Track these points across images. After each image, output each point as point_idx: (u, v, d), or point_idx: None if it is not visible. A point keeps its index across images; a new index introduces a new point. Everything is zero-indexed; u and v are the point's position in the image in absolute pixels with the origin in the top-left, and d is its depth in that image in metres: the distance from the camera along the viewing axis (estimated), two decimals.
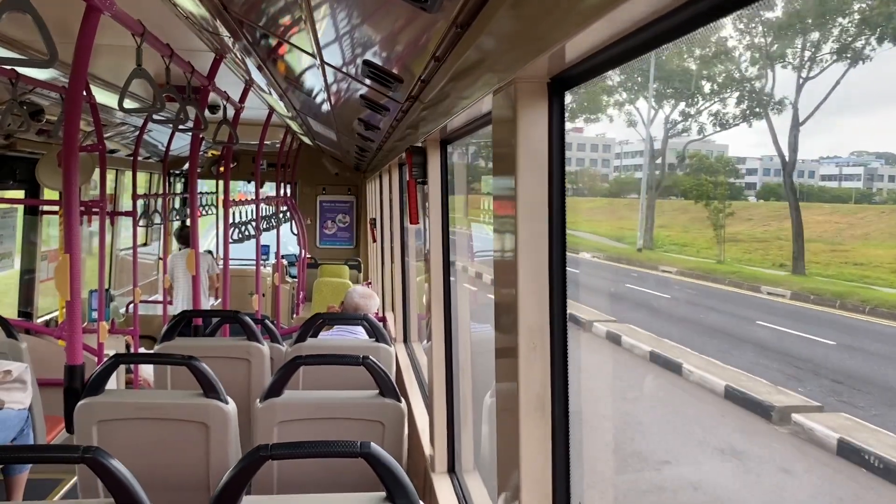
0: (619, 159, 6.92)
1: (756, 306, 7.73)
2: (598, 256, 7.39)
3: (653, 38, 1.09)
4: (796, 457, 5.95)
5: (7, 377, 4.18)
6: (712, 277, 7.48)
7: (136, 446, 2.96)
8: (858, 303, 6.73)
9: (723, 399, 6.67)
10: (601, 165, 7.17)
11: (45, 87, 4.62)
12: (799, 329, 7.40)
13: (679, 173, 6.43)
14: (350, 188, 12.09)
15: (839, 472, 5.36)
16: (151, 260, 10.49)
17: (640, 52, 1.15)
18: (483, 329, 3.04)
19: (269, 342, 4.41)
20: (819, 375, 6.68)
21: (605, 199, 7.72)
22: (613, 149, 6.82)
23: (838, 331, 6.94)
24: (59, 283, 2.87)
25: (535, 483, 1.56)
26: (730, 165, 6.02)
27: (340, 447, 2.13)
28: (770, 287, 7.61)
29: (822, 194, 7.51)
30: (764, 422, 6.24)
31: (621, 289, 9.01)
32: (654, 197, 6.83)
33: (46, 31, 2.13)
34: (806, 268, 7.07)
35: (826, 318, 6.98)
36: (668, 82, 5.94)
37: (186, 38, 3.66)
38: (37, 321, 6.84)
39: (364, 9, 1.98)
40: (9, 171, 6.31)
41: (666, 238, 7.27)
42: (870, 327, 6.63)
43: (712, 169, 5.94)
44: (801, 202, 7.11)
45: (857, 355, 6.88)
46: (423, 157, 3.27)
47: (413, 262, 6.29)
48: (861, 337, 6.83)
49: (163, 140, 8.12)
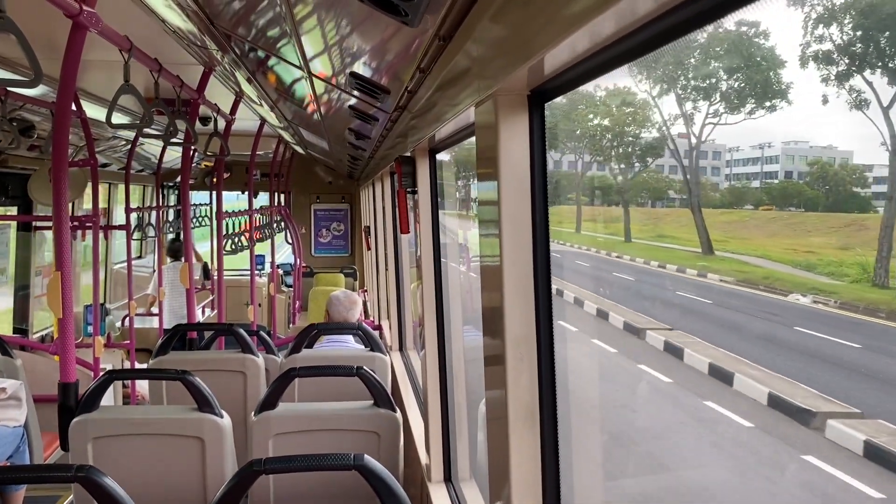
0: (730, 167, 6.27)
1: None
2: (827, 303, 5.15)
3: (628, 50, 1.10)
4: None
5: (1, 395, 4.17)
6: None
7: (131, 462, 2.96)
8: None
9: None
10: (710, 173, 6.51)
11: (35, 104, 4.62)
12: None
13: (800, 182, 5.58)
14: (344, 196, 12.10)
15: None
16: (146, 273, 10.49)
17: (616, 64, 1.16)
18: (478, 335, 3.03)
19: (264, 354, 4.41)
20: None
21: (746, 211, 6.51)
22: (724, 156, 6.21)
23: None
24: (51, 300, 2.86)
25: (525, 492, 1.56)
26: (856, 173, 4.98)
27: (334, 460, 2.13)
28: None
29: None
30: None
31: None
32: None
33: (31, 50, 2.14)
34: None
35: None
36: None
37: (175, 52, 3.66)
38: (32, 337, 6.83)
39: (348, 22, 2.00)
40: (1, 187, 6.30)
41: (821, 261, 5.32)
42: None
43: (838, 179, 5.00)
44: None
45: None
46: (412, 167, 3.28)
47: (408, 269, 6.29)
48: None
49: (155, 153, 8.12)
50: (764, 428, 5.64)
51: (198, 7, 2.47)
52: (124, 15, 2.91)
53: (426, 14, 1.49)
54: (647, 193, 7.70)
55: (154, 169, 8.72)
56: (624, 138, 7.29)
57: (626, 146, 7.36)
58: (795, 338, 5.88)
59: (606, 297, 8.27)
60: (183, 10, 2.50)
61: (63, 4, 2.33)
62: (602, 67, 1.18)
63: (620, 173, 7.88)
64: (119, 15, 2.86)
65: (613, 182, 8.26)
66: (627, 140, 7.29)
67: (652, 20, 1.00)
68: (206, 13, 2.55)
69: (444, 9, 1.45)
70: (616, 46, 1.08)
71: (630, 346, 7.46)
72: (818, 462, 4.94)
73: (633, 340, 7.38)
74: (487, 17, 1.34)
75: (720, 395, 6.10)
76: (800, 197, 5.68)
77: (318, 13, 2.03)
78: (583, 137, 7.59)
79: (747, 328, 6.66)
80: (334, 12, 1.99)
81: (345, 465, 2.09)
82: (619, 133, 7.26)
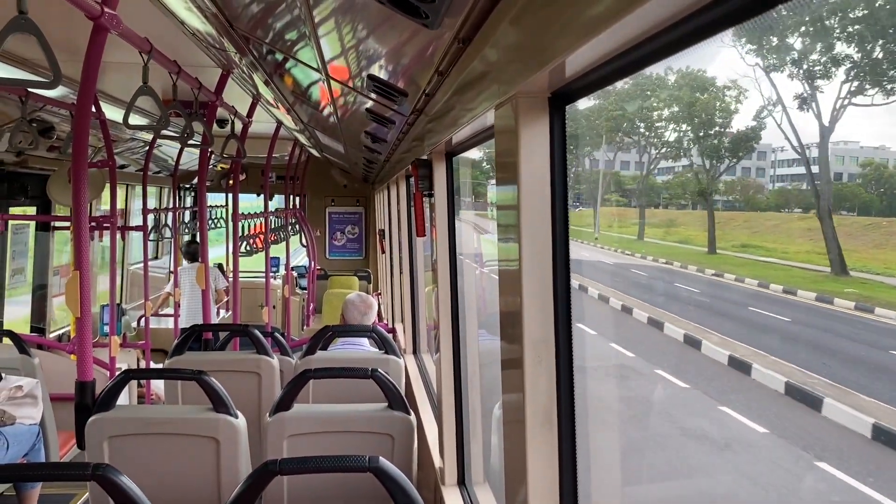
0: (774, 168, 5.68)
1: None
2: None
3: (650, 53, 1.09)
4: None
5: (18, 392, 4.21)
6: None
7: (146, 462, 2.97)
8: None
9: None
10: (755, 174, 5.87)
11: (55, 105, 4.66)
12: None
13: (851, 184, 4.80)
14: (359, 199, 12.13)
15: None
16: (162, 273, 10.55)
17: (640, 65, 1.15)
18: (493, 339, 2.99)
19: (278, 355, 4.42)
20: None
21: (804, 216, 5.39)
22: (769, 156, 5.65)
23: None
24: (70, 299, 2.88)
25: (542, 496, 1.56)
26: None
27: (348, 462, 2.13)
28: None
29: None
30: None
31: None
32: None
33: (51, 52, 2.16)
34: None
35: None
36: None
37: (194, 54, 3.69)
38: (50, 336, 6.88)
39: (367, 25, 2.00)
40: (21, 187, 6.36)
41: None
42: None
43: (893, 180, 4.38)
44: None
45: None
46: (428, 170, 3.28)
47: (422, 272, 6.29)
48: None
49: (172, 154, 8.17)
50: None
51: (217, 9, 2.49)
52: (144, 17, 2.93)
53: (446, 16, 1.49)
54: (738, 195, 6.37)
55: (171, 170, 8.78)
56: (708, 128, 6.04)
57: (711, 137, 6.06)
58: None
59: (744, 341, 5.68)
60: (202, 12, 2.52)
61: (85, 6, 2.35)
62: (626, 69, 1.17)
63: (705, 171, 6.46)
64: (139, 17, 2.88)
65: (696, 181, 7.24)
66: (714, 131, 5.99)
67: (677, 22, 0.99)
68: (225, 15, 2.56)
69: (465, 11, 1.45)
70: (640, 48, 1.08)
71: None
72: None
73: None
74: (508, 20, 1.34)
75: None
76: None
77: (336, 15, 2.03)
78: (650, 129, 6.52)
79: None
80: (353, 14, 1.99)
81: (359, 467, 2.08)
82: (702, 122, 6.01)
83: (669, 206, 7.14)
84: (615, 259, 7.13)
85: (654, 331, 6.23)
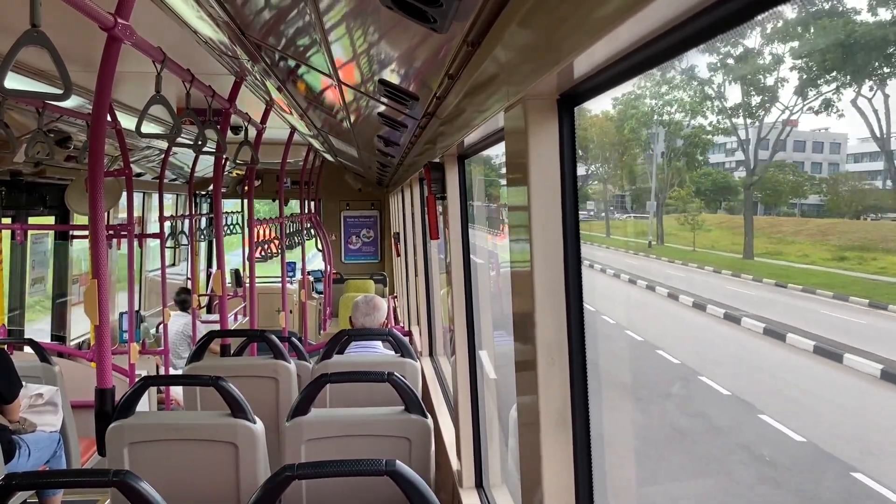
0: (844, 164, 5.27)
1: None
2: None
3: (660, 52, 1.09)
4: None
5: (38, 400, 4.26)
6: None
7: (166, 467, 3.00)
8: None
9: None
10: (827, 170, 5.43)
11: (71, 115, 4.71)
12: None
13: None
14: (373, 203, 12.17)
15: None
16: (180, 280, 10.63)
17: (648, 66, 1.15)
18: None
19: (295, 359, 4.43)
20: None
21: None
22: (843, 149, 5.22)
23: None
24: (88, 308, 2.91)
25: (558, 498, 1.55)
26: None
27: (366, 466, 2.14)
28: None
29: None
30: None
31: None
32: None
33: (62, 64, 2.18)
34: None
35: None
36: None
37: (207, 62, 3.72)
38: (70, 343, 6.95)
39: (376, 30, 2.01)
40: (39, 197, 6.44)
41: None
42: None
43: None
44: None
45: None
46: (441, 173, 3.29)
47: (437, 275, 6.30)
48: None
49: (188, 162, 8.24)
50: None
51: (229, 18, 2.51)
52: (157, 27, 2.96)
53: (454, 20, 1.49)
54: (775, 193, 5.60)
55: (187, 178, 8.85)
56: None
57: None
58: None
59: None
60: (214, 20, 2.54)
61: (98, 18, 2.38)
62: (633, 70, 1.17)
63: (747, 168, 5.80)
64: (152, 27, 2.91)
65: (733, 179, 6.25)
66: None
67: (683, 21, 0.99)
68: (237, 23, 2.58)
69: (473, 15, 1.45)
70: (647, 49, 1.08)
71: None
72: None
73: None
74: (516, 23, 1.34)
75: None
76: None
77: (347, 21, 2.04)
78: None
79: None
80: (363, 20, 2.00)
81: (377, 471, 2.09)
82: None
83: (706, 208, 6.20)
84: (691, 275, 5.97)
85: None
